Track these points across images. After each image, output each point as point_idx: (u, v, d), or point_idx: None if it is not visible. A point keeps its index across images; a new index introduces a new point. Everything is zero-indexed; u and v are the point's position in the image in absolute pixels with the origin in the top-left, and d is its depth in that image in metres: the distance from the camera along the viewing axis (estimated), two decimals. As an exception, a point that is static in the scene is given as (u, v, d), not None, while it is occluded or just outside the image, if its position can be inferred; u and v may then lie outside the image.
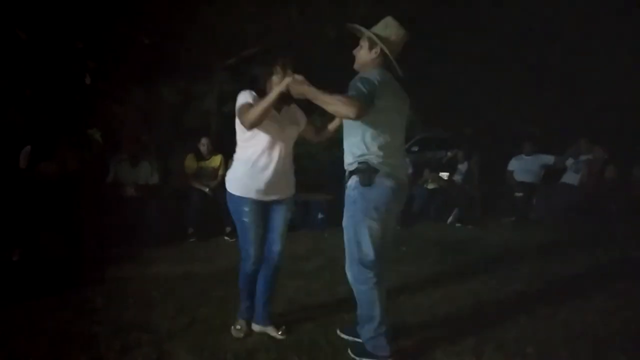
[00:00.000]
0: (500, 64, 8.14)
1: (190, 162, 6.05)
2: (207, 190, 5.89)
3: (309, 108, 2.88)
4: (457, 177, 7.38)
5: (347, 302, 3.17)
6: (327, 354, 2.71)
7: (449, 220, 6.75)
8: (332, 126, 3.09)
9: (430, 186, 7.17)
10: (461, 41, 8.26)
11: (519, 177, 7.31)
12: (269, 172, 2.77)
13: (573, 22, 7.57)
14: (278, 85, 2.59)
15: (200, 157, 6.09)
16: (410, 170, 7.08)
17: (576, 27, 7.55)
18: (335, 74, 2.83)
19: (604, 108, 7.77)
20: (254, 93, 2.74)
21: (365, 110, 2.35)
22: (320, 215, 6.34)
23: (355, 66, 2.68)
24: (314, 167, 7.07)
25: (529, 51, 7.91)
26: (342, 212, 2.70)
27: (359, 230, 2.56)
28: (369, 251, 2.55)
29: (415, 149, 10.41)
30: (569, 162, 7.04)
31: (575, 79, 7.90)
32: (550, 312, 3.36)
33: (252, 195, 2.78)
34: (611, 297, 3.65)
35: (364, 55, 2.63)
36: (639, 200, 6.15)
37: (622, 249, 5.20)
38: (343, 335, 2.92)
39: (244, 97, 2.71)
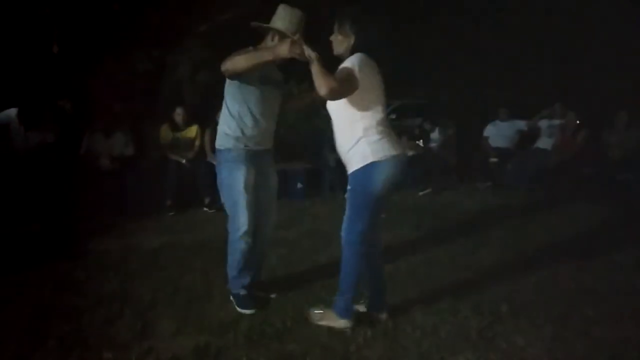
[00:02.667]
0: (476, 30, 8.16)
1: (165, 133, 5.96)
2: (183, 161, 5.83)
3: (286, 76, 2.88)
4: (433, 144, 7.45)
5: (328, 269, 3.26)
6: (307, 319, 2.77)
7: (420, 194, 6.72)
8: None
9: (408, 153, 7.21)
10: (437, 9, 8.24)
11: (495, 142, 7.43)
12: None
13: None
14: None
15: (175, 127, 6.00)
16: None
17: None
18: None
19: (578, 73, 7.89)
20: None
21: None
22: (299, 185, 6.35)
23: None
24: (292, 136, 7.04)
25: (505, 17, 7.94)
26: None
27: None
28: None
29: (393, 116, 10.44)
30: (543, 125, 7.16)
31: (551, 44, 7.99)
32: (524, 273, 3.47)
33: None
34: (582, 256, 3.78)
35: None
36: (609, 164, 6.31)
37: (594, 208, 5.37)
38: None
39: None
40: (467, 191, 6.76)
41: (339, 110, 2.61)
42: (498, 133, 7.46)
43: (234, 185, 2.85)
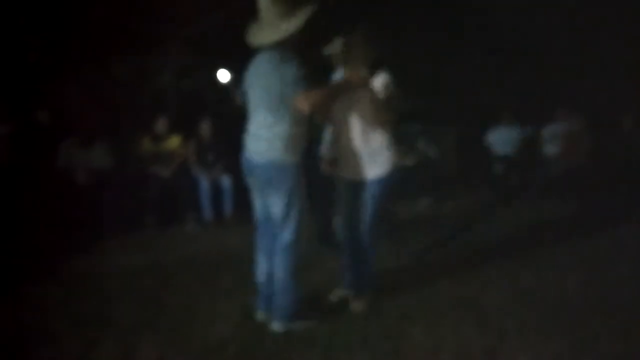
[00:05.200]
0: (478, 35, 8.25)
1: (146, 146, 5.96)
2: (164, 172, 5.81)
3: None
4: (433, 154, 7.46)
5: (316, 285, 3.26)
6: (303, 340, 2.76)
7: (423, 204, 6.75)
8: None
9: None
10: (437, 14, 8.32)
11: (497, 148, 7.48)
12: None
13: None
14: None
15: (156, 139, 5.99)
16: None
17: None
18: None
19: (581, 78, 7.97)
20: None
21: None
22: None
23: None
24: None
25: (506, 23, 8.03)
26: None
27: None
28: None
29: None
30: (547, 132, 7.23)
31: (553, 48, 8.07)
32: (530, 286, 3.50)
33: None
34: (589, 269, 3.81)
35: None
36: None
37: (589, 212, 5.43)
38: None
39: None
40: (470, 200, 6.80)
41: (367, 117, 3.04)
42: (501, 139, 7.51)
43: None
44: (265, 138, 2.79)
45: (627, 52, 7.65)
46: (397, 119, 3.08)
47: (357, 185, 3.14)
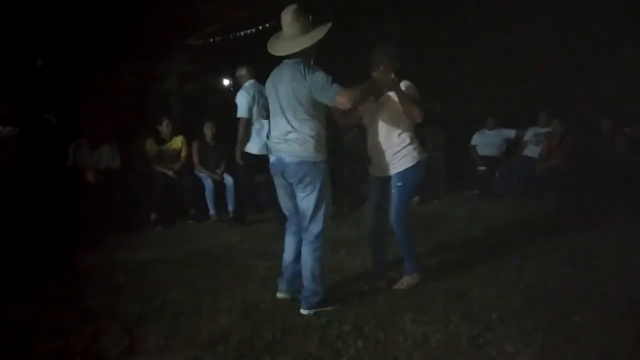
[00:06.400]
0: (465, 39, 8.26)
1: (150, 146, 5.96)
2: (170, 173, 5.82)
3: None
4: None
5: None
6: (300, 330, 2.77)
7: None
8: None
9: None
10: (429, 19, 8.35)
11: (482, 151, 7.50)
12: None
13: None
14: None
15: (160, 140, 5.99)
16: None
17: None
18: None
19: (564, 83, 7.99)
20: None
21: None
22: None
23: None
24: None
25: (495, 27, 8.04)
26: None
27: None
28: None
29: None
30: (529, 135, 7.25)
31: (536, 54, 8.09)
32: (513, 280, 3.50)
33: None
34: (570, 264, 3.83)
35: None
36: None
37: (581, 216, 5.44)
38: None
39: None
40: (456, 199, 6.81)
41: (390, 120, 3.27)
42: (485, 142, 7.54)
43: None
44: (295, 139, 2.94)
45: (608, 58, 7.68)
46: (421, 118, 3.20)
47: (384, 180, 3.37)
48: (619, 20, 7.36)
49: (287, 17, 2.95)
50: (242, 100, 5.30)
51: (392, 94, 3.24)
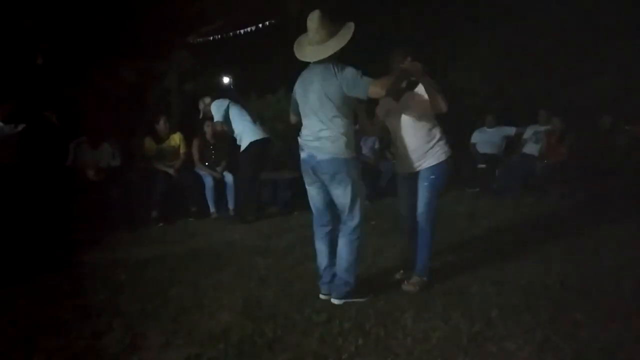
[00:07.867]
0: (465, 37, 8.26)
1: (149, 145, 5.96)
2: (170, 171, 5.82)
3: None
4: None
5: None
6: (300, 327, 2.77)
7: None
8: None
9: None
10: (429, 18, 8.35)
11: (482, 149, 7.50)
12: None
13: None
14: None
15: (158, 138, 5.99)
16: (376, 146, 7.18)
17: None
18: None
19: (563, 81, 8.00)
20: None
21: None
22: (285, 193, 6.32)
23: None
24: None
25: (495, 25, 8.04)
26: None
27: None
28: None
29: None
30: (529, 133, 7.25)
31: (537, 52, 8.10)
32: (513, 277, 3.50)
33: None
34: (569, 261, 3.83)
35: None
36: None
37: (579, 212, 5.44)
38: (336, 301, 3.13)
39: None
40: (456, 197, 6.81)
41: (418, 117, 3.29)
42: (485, 139, 7.54)
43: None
44: (327, 137, 3.01)
45: (608, 56, 7.69)
46: (447, 111, 3.19)
47: (412, 178, 3.40)
48: (618, 18, 7.36)
49: (314, 24, 2.99)
50: (215, 109, 5.58)
51: (415, 90, 3.30)
